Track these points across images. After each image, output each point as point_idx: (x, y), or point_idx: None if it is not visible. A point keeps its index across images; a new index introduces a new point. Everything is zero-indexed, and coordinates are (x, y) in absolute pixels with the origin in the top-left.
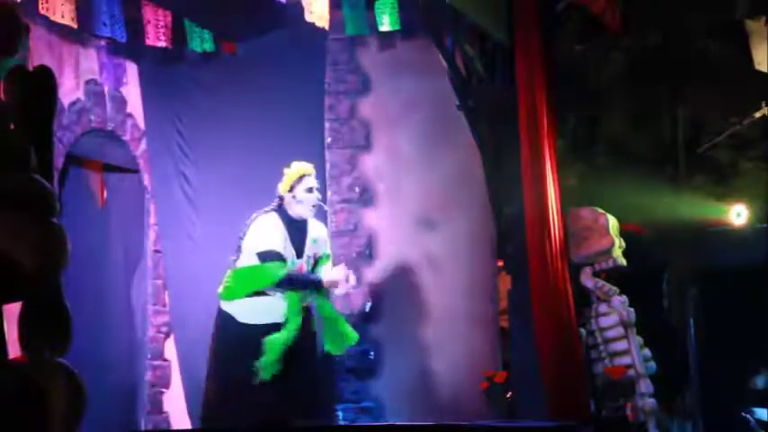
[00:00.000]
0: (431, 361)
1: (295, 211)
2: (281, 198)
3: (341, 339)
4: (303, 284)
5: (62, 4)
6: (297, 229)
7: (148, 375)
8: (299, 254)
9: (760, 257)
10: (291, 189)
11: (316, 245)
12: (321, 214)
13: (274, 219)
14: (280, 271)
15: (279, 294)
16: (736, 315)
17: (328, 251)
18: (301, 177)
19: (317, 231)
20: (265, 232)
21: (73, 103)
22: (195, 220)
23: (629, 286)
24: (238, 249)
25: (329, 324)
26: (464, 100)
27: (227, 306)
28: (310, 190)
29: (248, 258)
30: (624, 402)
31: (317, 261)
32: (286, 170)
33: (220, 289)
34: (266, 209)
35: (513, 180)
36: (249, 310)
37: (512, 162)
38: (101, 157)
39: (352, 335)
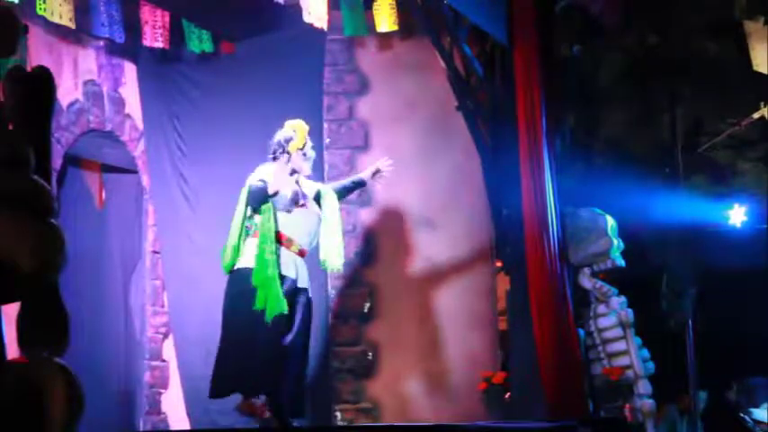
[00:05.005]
0: (429, 361)
1: (301, 166)
2: (289, 154)
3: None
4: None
5: (60, 5)
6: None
7: (147, 376)
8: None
9: (759, 258)
10: (303, 146)
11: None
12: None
13: (279, 164)
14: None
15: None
16: (736, 315)
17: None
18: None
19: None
20: (266, 170)
21: (71, 104)
22: (194, 221)
23: (628, 287)
24: None
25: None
26: (463, 100)
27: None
28: (311, 147)
29: None
30: (622, 403)
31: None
32: (292, 126)
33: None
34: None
35: (513, 180)
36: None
37: (511, 162)
38: (99, 158)
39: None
